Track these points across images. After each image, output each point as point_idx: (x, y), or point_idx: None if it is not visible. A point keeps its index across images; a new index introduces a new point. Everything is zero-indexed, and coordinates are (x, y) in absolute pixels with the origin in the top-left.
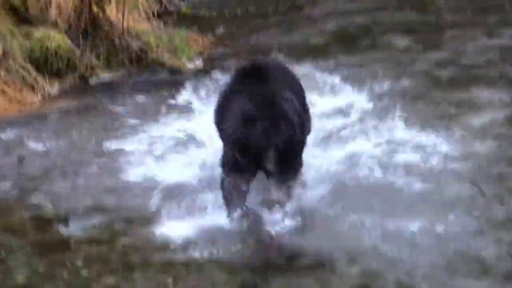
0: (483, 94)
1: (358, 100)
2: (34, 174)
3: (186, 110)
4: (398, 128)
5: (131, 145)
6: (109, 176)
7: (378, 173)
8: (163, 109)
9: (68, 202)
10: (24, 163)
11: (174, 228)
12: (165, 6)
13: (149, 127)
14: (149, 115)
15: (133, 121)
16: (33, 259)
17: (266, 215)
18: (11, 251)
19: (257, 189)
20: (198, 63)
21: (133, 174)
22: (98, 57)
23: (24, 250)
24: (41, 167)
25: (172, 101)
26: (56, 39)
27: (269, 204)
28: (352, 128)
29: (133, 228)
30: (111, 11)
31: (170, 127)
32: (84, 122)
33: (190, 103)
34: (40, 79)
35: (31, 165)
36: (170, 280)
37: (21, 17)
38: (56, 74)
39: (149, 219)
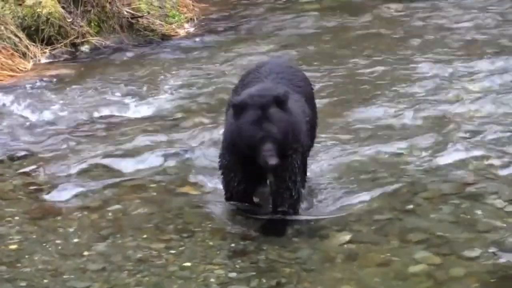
0: None
1: None
2: (25, 142)
3: (176, 75)
4: None
5: (123, 112)
6: (101, 143)
7: None
8: (155, 75)
9: (60, 169)
10: None
11: (165, 195)
12: None
13: (142, 94)
14: (141, 81)
15: (125, 88)
16: (26, 226)
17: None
18: (3, 218)
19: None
20: (189, 29)
21: (126, 141)
22: (89, 23)
23: (17, 217)
24: (33, 134)
25: (162, 68)
26: (48, 5)
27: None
28: None
29: (124, 195)
30: None
31: (164, 95)
32: (76, 89)
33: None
34: (31, 46)
35: (23, 132)
36: (162, 246)
37: None
38: (47, 41)
39: (141, 185)
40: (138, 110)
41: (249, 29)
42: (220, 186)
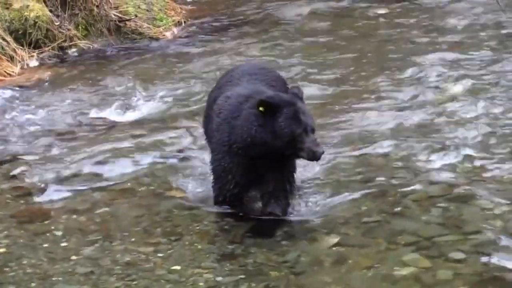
0: None
1: None
2: (13, 145)
3: (164, 78)
4: None
5: (111, 115)
6: (90, 146)
7: None
8: (142, 78)
9: (48, 172)
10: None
11: (154, 198)
12: None
13: (130, 97)
14: (129, 85)
15: (113, 91)
16: (13, 230)
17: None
18: None
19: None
20: (176, 32)
21: (114, 144)
22: (76, 27)
23: (4, 221)
24: (21, 137)
25: (150, 71)
26: (35, 9)
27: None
28: None
29: (113, 198)
30: None
31: (152, 98)
32: (64, 92)
33: (169, 71)
34: (19, 50)
35: (11, 135)
36: (150, 250)
37: None
38: (35, 44)
39: (129, 189)
40: (126, 113)
41: (237, 31)
42: (209, 190)
